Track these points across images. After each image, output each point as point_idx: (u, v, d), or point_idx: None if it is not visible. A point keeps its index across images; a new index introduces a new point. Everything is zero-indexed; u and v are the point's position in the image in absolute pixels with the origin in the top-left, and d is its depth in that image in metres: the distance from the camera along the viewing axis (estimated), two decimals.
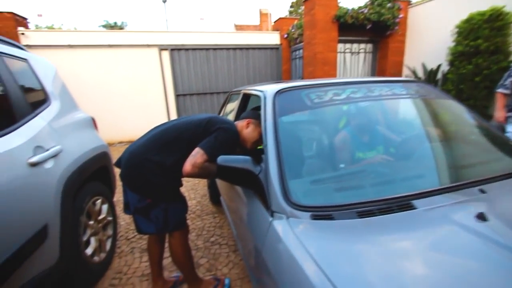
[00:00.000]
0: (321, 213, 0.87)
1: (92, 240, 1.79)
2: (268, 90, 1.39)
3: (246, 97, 1.94)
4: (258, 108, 1.99)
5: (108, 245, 2.00)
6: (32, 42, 5.57)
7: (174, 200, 1.44)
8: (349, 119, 1.35)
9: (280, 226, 0.87)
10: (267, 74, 7.42)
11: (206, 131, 1.38)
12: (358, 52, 6.42)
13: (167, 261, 2.01)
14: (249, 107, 2.01)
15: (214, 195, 2.95)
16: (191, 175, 1.25)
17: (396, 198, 0.91)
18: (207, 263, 2.03)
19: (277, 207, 0.95)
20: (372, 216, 0.84)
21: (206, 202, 3.15)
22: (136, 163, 1.34)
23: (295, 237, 0.79)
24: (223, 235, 2.41)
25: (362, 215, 0.84)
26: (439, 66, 5.22)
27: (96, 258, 1.79)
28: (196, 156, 1.27)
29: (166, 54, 6.42)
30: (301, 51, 6.70)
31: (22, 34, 5.62)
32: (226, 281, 1.79)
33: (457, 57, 4.77)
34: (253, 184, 1.09)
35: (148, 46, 6.29)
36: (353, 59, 6.46)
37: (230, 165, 1.08)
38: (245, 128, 1.53)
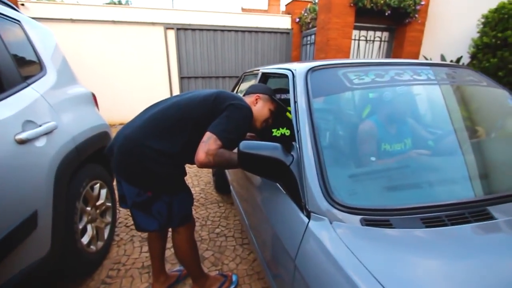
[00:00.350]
0: (376, 218, 0.69)
1: (89, 227, 1.63)
2: (297, 68, 1.18)
3: (265, 78, 1.73)
4: (279, 90, 1.79)
5: (106, 233, 1.85)
6: (32, 14, 5.26)
7: (179, 191, 1.25)
8: (397, 105, 1.15)
9: (322, 232, 0.70)
10: (276, 59, 7.12)
11: (214, 109, 1.17)
12: (373, 40, 6.11)
13: (169, 251, 1.86)
14: None
15: (220, 183, 2.79)
16: (206, 165, 1.07)
17: (466, 203, 0.73)
18: (212, 257, 1.89)
19: (315, 207, 0.77)
20: (442, 225, 0.66)
21: (211, 190, 2.99)
22: (133, 149, 1.11)
23: (347, 250, 0.61)
24: (229, 226, 2.26)
25: (429, 223, 0.67)
26: (459, 58, 4.94)
27: (92, 247, 1.63)
28: (209, 142, 1.08)
29: (171, 34, 6.12)
30: (313, 36, 6.38)
31: (22, 5, 5.31)
32: (234, 278, 1.65)
33: (481, 49, 4.50)
34: (283, 177, 0.90)
35: (153, 24, 5.98)
36: (367, 47, 6.16)
37: (256, 153, 0.89)
38: (254, 105, 1.33)
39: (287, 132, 1.96)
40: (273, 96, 1.38)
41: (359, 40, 6.02)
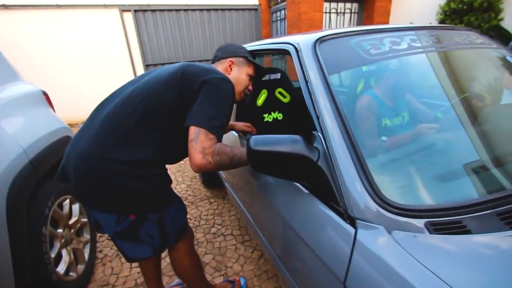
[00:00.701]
0: (444, 220, 0.55)
1: (64, 253, 1.37)
2: (301, 40, 0.99)
3: (252, 57, 1.51)
4: (266, 71, 1.60)
5: (86, 253, 1.59)
6: None
7: (168, 204, 1.00)
8: (425, 76, 1.01)
9: (382, 247, 0.54)
10: (246, 38, 6.77)
11: (184, 90, 0.91)
12: (344, 13, 5.98)
13: (164, 262, 1.67)
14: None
15: (208, 177, 2.58)
16: (205, 168, 0.84)
17: None
18: (213, 261, 1.72)
19: (361, 212, 0.61)
20: None
21: (198, 185, 2.77)
22: (95, 169, 0.85)
23: (432, 275, 0.46)
24: (225, 224, 2.10)
25: (510, 220, 0.54)
26: None
27: (72, 274, 1.39)
28: (199, 139, 0.84)
29: (129, 17, 5.48)
30: (282, 12, 6.11)
31: None
32: (242, 281, 1.51)
33: (449, 15, 4.57)
34: (309, 177, 0.74)
35: (106, 6, 5.29)
36: (338, 20, 6.02)
37: (272, 150, 0.70)
38: (229, 73, 1.10)
39: (279, 116, 1.78)
40: (249, 57, 1.14)
41: (330, 13, 5.86)
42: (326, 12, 5.77)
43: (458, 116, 0.92)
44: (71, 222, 1.48)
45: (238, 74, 1.10)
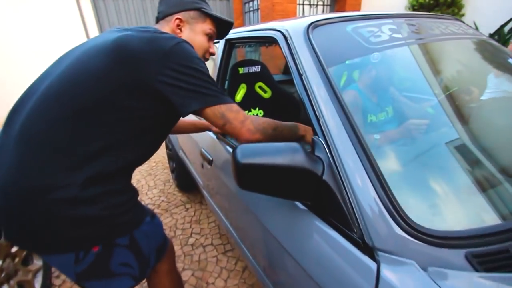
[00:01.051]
0: (489, 250, 0.44)
1: None
2: (290, 26, 0.83)
3: (230, 48, 1.34)
4: (242, 63, 1.44)
5: (38, 283, 1.33)
6: None
7: (138, 222, 0.79)
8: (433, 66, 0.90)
9: None
10: None
11: (135, 73, 0.66)
12: (317, 5, 5.94)
13: None
14: (233, 62, 1.43)
15: (182, 180, 2.36)
16: (257, 138, 0.72)
17: None
18: (192, 277, 1.54)
19: (382, 241, 0.48)
20: None
21: (172, 189, 2.55)
22: (30, 207, 0.62)
23: None
24: (203, 233, 1.92)
25: None
26: None
27: None
28: (229, 117, 0.70)
29: (86, 2, 4.94)
30: (255, 2, 5.93)
31: None
32: None
33: (417, 9, 4.70)
34: (313, 195, 0.59)
35: None
36: (311, 12, 5.98)
37: (266, 164, 0.55)
38: (179, 34, 0.84)
39: (260, 113, 1.63)
40: (203, 8, 0.86)
41: (303, 4, 5.78)
42: (299, 4, 5.69)
43: (487, 116, 0.83)
44: (14, 249, 1.21)
45: (192, 35, 0.84)
